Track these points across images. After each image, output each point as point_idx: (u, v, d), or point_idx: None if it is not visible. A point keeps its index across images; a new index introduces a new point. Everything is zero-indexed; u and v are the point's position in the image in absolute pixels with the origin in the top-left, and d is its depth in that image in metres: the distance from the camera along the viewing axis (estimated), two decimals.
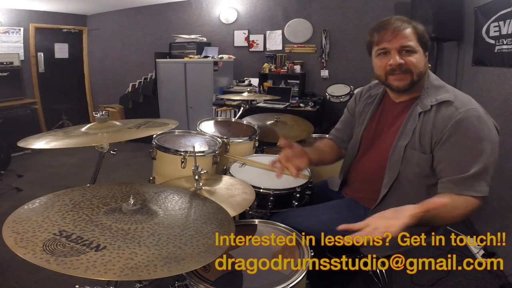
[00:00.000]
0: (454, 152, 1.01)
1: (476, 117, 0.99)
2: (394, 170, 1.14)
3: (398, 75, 1.09)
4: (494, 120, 1.06)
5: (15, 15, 4.66)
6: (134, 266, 0.68)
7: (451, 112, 1.02)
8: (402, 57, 1.07)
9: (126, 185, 1.07)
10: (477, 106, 1.02)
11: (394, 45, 1.06)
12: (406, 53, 1.07)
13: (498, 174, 2.04)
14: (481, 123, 0.99)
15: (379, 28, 1.09)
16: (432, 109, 1.07)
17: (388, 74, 1.11)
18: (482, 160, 0.97)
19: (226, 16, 4.49)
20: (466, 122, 0.99)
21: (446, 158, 1.02)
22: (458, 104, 1.02)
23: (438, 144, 1.04)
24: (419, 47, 1.07)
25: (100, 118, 1.26)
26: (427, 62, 1.10)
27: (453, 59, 2.97)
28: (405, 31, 1.05)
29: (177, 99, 4.33)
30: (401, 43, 1.05)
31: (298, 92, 4.06)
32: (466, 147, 0.99)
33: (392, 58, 1.07)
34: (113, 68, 5.54)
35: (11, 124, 4.11)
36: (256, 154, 1.98)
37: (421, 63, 1.08)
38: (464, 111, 1.00)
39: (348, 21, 3.92)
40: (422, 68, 1.08)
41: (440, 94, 1.07)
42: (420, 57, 1.07)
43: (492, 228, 2.11)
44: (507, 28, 1.98)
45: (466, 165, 0.98)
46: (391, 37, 1.06)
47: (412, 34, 1.06)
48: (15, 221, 0.78)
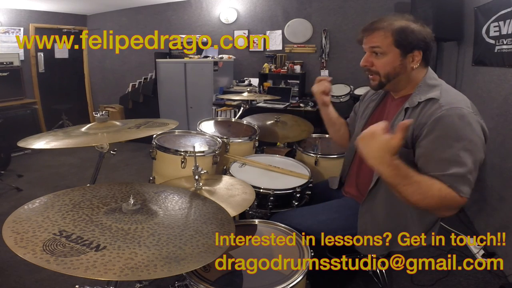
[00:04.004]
0: (432, 148, 0.99)
1: (458, 115, 0.97)
2: None
3: (370, 75, 1.18)
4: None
5: (15, 15, 4.66)
6: (134, 266, 0.68)
7: (434, 109, 1.02)
8: (371, 59, 1.14)
9: (126, 185, 1.07)
10: (464, 106, 1.00)
11: (366, 47, 1.14)
12: (376, 55, 1.13)
13: (498, 174, 2.04)
14: (463, 122, 0.97)
15: (363, 29, 1.15)
16: (419, 106, 1.07)
17: (366, 72, 1.19)
18: (461, 161, 0.94)
19: (226, 16, 4.49)
20: (447, 119, 0.98)
21: (425, 155, 1.01)
22: (443, 102, 1.02)
23: (418, 140, 1.04)
24: (392, 48, 1.08)
25: (100, 118, 1.26)
26: (406, 63, 1.10)
27: (453, 59, 2.97)
28: (374, 34, 1.10)
29: (177, 99, 4.33)
30: (369, 45, 1.12)
31: (298, 92, 4.06)
32: (444, 145, 0.97)
33: (362, 60, 1.16)
34: (113, 68, 5.54)
35: (11, 124, 4.12)
36: (256, 154, 1.98)
37: (388, 66, 1.11)
38: (446, 108, 0.99)
39: (348, 21, 3.93)
40: (389, 70, 1.11)
41: (431, 92, 1.07)
42: (389, 59, 1.10)
43: (492, 228, 2.11)
44: (507, 28, 1.98)
45: (444, 164, 0.95)
46: (364, 39, 1.14)
47: (384, 37, 1.08)
48: (15, 221, 0.78)
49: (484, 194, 2.20)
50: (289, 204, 1.49)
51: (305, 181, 1.53)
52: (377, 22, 1.11)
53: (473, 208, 2.41)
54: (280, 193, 1.45)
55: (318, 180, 1.72)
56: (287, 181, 1.53)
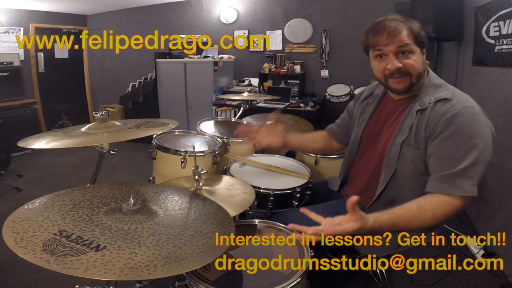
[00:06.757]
0: (444, 146, 1.00)
1: (471, 114, 0.98)
2: (391, 167, 1.14)
3: (398, 78, 1.08)
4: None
5: (15, 15, 4.66)
6: (134, 266, 0.68)
7: (447, 108, 1.01)
8: (400, 60, 1.06)
9: (126, 185, 1.07)
10: (475, 105, 1.01)
11: (391, 48, 1.05)
12: (403, 55, 1.05)
13: (498, 174, 2.04)
14: (476, 120, 0.98)
15: (374, 31, 1.08)
16: (429, 106, 1.07)
17: (388, 77, 1.10)
18: (472, 156, 0.96)
19: (226, 16, 4.49)
20: (461, 118, 0.98)
21: (437, 153, 1.02)
22: (455, 101, 1.02)
23: (431, 138, 1.03)
24: (415, 47, 1.06)
25: (100, 118, 1.26)
26: (425, 60, 1.10)
27: (453, 59, 2.97)
28: (401, 33, 1.04)
29: (177, 99, 4.33)
30: (397, 46, 1.04)
31: (298, 92, 4.06)
32: (457, 142, 0.98)
33: (390, 63, 1.06)
34: (113, 68, 5.54)
35: (11, 124, 4.12)
36: (256, 154, 1.98)
37: (419, 64, 1.07)
38: (459, 108, 0.99)
39: (348, 21, 3.93)
40: (420, 68, 1.07)
41: (440, 92, 1.07)
42: (417, 57, 1.06)
43: (492, 228, 2.11)
44: (507, 28, 1.98)
45: (455, 161, 0.97)
46: (387, 40, 1.05)
47: (408, 35, 1.04)
48: (15, 221, 0.78)
49: (484, 194, 2.20)
50: (289, 204, 1.49)
51: (305, 181, 1.52)
52: (391, 21, 1.05)
53: (473, 208, 2.41)
54: (280, 193, 1.45)
55: (318, 180, 1.72)
56: (287, 181, 1.52)
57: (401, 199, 1.01)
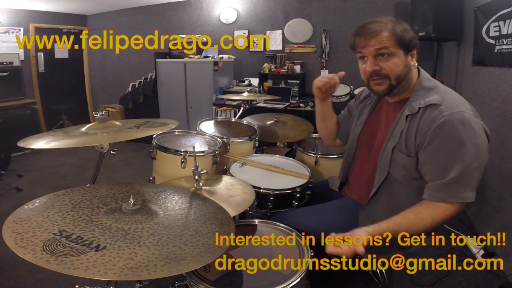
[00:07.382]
0: (435, 156, 1.00)
1: (460, 120, 0.96)
2: (383, 170, 1.14)
3: (376, 80, 1.09)
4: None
5: (15, 15, 4.65)
6: (134, 266, 0.68)
7: (435, 115, 1.00)
8: (378, 62, 1.06)
9: (126, 185, 1.07)
10: (464, 109, 0.99)
11: (369, 50, 1.06)
12: (383, 57, 1.05)
13: (498, 174, 2.04)
14: (465, 126, 0.96)
15: (356, 33, 1.08)
16: (419, 111, 1.05)
17: (369, 79, 1.11)
18: (465, 163, 0.95)
19: (226, 16, 4.49)
20: (448, 126, 0.97)
21: (429, 162, 1.02)
22: (443, 107, 1.00)
23: (421, 147, 1.03)
24: (397, 49, 1.04)
25: (100, 118, 1.26)
26: (409, 63, 1.08)
27: (453, 59, 2.97)
28: (380, 35, 1.03)
29: (177, 99, 4.33)
30: (375, 48, 1.05)
31: (298, 92, 4.06)
32: (447, 151, 0.97)
33: (368, 65, 1.07)
34: (113, 68, 5.54)
35: (11, 124, 4.12)
36: (256, 154, 1.98)
37: (400, 67, 1.05)
38: (447, 114, 0.98)
39: (348, 21, 3.92)
40: (400, 71, 1.06)
41: (430, 96, 1.05)
42: (398, 60, 1.05)
43: (492, 228, 2.11)
44: (507, 28, 1.98)
45: (447, 170, 0.97)
46: (365, 43, 1.06)
47: (389, 37, 1.03)
48: (15, 221, 0.78)
49: (484, 194, 2.20)
50: (289, 204, 1.49)
51: (305, 181, 1.53)
52: (374, 23, 1.05)
53: (473, 208, 2.41)
54: (280, 193, 1.45)
55: (318, 180, 1.72)
56: (287, 181, 1.52)
57: (395, 202, 1.01)
